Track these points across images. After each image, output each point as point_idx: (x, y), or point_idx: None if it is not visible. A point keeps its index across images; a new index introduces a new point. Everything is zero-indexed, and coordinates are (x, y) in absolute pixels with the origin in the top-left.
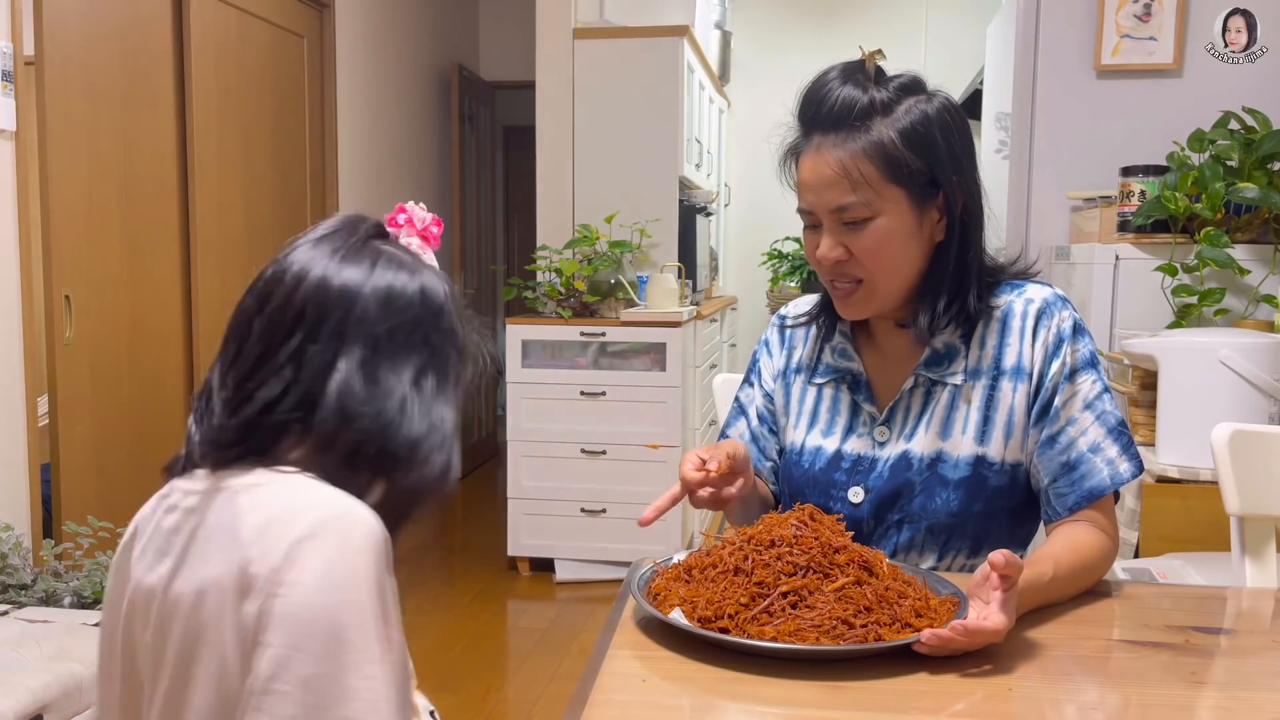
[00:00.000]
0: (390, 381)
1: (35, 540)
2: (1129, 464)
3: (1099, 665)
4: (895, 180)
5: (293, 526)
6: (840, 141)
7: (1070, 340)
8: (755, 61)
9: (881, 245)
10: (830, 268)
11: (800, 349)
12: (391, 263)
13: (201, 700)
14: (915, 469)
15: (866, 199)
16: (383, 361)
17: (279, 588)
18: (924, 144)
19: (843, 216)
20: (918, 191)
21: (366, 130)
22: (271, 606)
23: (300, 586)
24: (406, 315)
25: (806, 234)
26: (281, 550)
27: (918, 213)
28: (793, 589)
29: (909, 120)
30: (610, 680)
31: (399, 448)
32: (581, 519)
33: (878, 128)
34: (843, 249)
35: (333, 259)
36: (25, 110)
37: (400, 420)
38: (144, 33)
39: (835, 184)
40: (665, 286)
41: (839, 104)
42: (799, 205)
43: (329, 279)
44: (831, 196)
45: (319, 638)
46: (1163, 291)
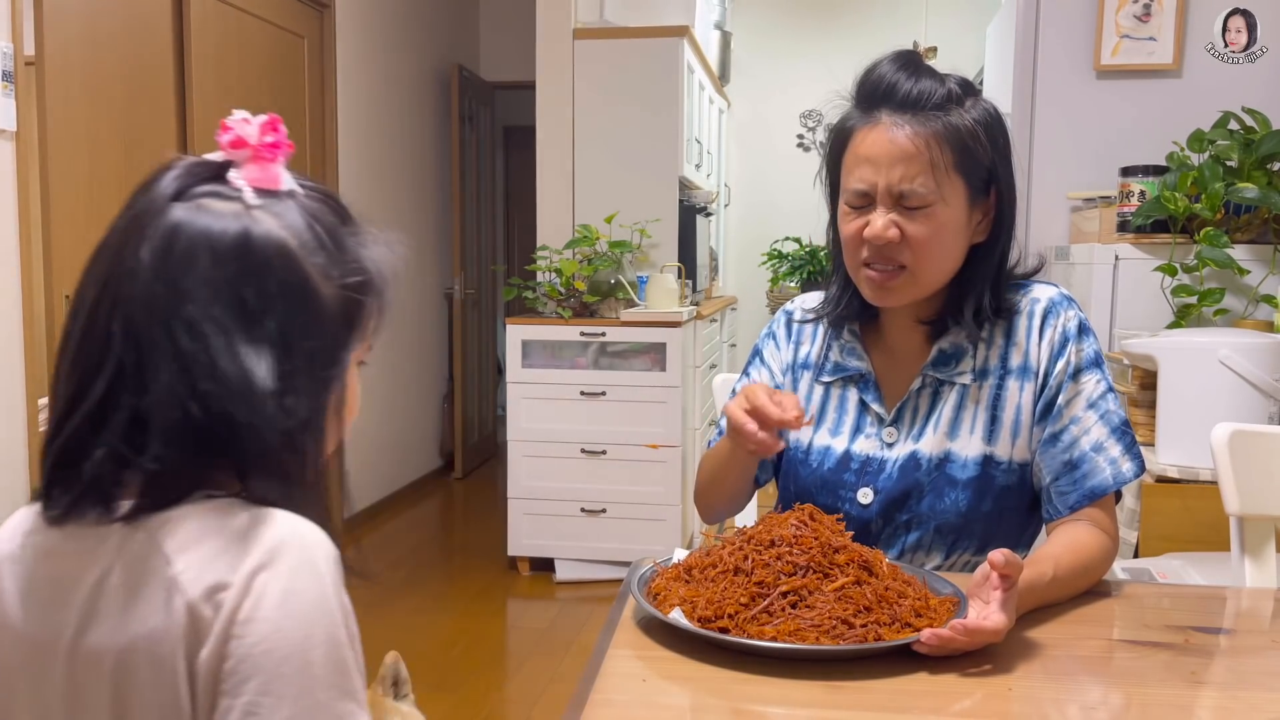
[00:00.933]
0: (233, 367)
1: None
2: (1131, 464)
3: (1099, 665)
4: (962, 171)
5: (242, 558)
6: (919, 121)
7: (1075, 340)
8: (755, 61)
9: (936, 233)
10: (877, 249)
11: (808, 345)
12: (182, 232)
13: None
14: (924, 469)
15: (937, 182)
16: (216, 345)
17: (237, 628)
18: (992, 141)
19: (905, 200)
20: (975, 187)
21: (366, 130)
22: (232, 650)
23: (262, 623)
24: (220, 278)
25: (851, 214)
26: (236, 586)
27: (969, 209)
28: (793, 589)
29: (980, 114)
30: (610, 680)
31: (255, 448)
32: (581, 519)
33: (956, 114)
34: (897, 229)
35: (122, 251)
36: (25, 110)
37: (258, 415)
38: (144, 33)
39: (911, 159)
40: (665, 286)
41: (917, 89)
42: (850, 184)
43: (121, 274)
44: (900, 173)
45: (291, 679)
46: (1162, 291)
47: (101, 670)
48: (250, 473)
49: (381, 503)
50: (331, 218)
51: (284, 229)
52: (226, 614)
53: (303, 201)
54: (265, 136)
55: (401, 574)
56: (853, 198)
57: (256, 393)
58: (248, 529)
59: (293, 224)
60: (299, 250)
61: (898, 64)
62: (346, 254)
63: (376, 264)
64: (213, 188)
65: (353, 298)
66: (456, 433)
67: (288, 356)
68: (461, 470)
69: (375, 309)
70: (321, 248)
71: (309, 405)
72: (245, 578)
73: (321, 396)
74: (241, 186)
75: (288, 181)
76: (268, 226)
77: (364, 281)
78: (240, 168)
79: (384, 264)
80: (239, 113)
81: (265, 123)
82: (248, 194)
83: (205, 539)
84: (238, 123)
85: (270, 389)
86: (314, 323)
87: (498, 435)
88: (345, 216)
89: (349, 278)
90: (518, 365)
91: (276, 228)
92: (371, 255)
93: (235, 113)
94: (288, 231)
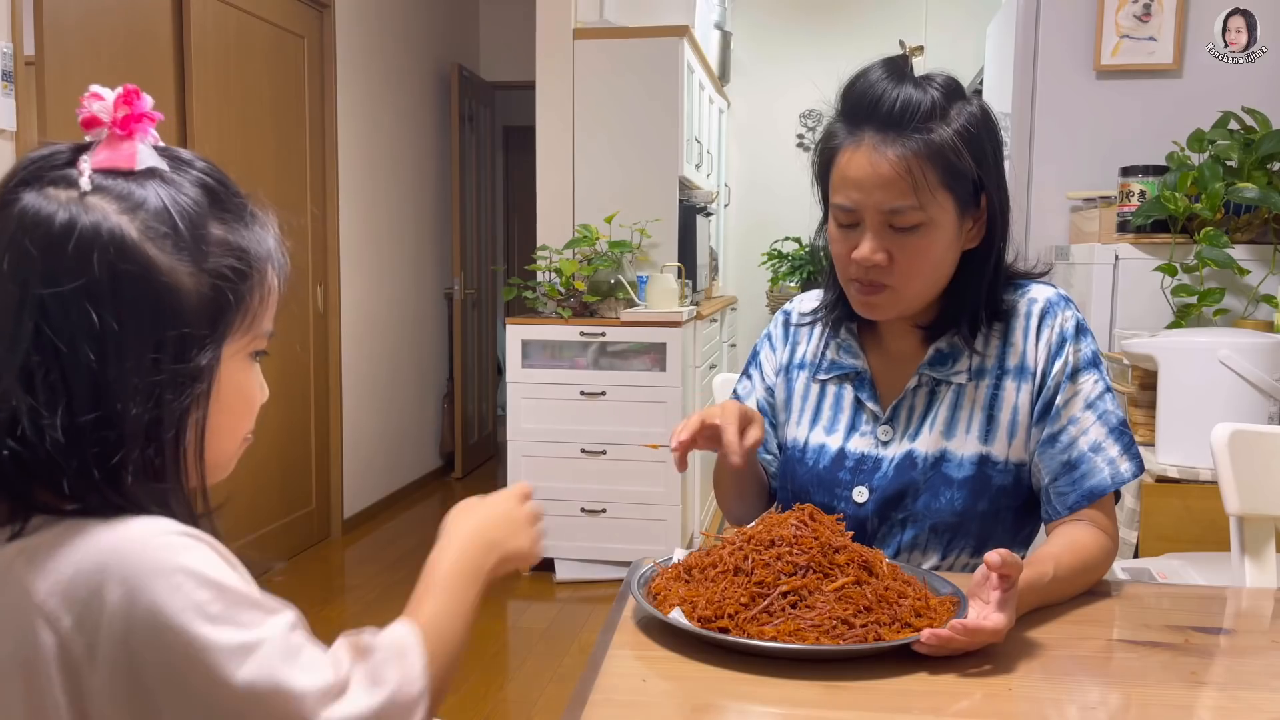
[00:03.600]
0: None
1: None
2: (1130, 464)
3: (1099, 665)
4: (949, 187)
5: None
6: (900, 141)
7: (1073, 340)
8: (755, 61)
9: (925, 252)
10: (863, 270)
11: (805, 344)
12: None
13: None
14: (920, 468)
15: (923, 202)
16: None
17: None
18: (977, 150)
19: (893, 220)
20: (964, 199)
21: (366, 130)
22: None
23: (109, 617)
24: (46, 272)
25: (839, 232)
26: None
27: (959, 221)
28: (793, 589)
29: (963, 124)
30: (610, 680)
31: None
32: (581, 519)
33: (938, 130)
34: (884, 254)
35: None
36: (25, 110)
37: (72, 430)
38: (144, 33)
39: (894, 184)
40: (665, 286)
41: (900, 103)
42: (838, 201)
43: None
44: (886, 197)
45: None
46: (1162, 291)
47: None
48: (78, 489)
49: (381, 503)
50: (199, 198)
51: (122, 215)
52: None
53: (164, 181)
54: (119, 111)
55: (401, 574)
56: (840, 215)
57: (75, 402)
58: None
59: (141, 208)
60: (139, 237)
61: (882, 74)
62: (212, 238)
63: (256, 247)
64: (60, 174)
65: (220, 285)
66: (456, 433)
67: (122, 355)
68: (461, 470)
69: (256, 296)
70: (175, 233)
71: (155, 405)
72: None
73: (176, 393)
74: (83, 170)
75: (147, 159)
76: (99, 215)
77: (236, 267)
78: (92, 150)
79: (264, 246)
80: (94, 87)
81: (120, 96)
82: (84, 179)
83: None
84: (90, 99)
85: (91, 397)
86: (161, 315)
87: (498, 435)
88: (219, 195)
89: (215, 263)
90: (518, 365)
91: (112, 214)
92: (251, 238)
93: (91, 87)
94: (128, 217)
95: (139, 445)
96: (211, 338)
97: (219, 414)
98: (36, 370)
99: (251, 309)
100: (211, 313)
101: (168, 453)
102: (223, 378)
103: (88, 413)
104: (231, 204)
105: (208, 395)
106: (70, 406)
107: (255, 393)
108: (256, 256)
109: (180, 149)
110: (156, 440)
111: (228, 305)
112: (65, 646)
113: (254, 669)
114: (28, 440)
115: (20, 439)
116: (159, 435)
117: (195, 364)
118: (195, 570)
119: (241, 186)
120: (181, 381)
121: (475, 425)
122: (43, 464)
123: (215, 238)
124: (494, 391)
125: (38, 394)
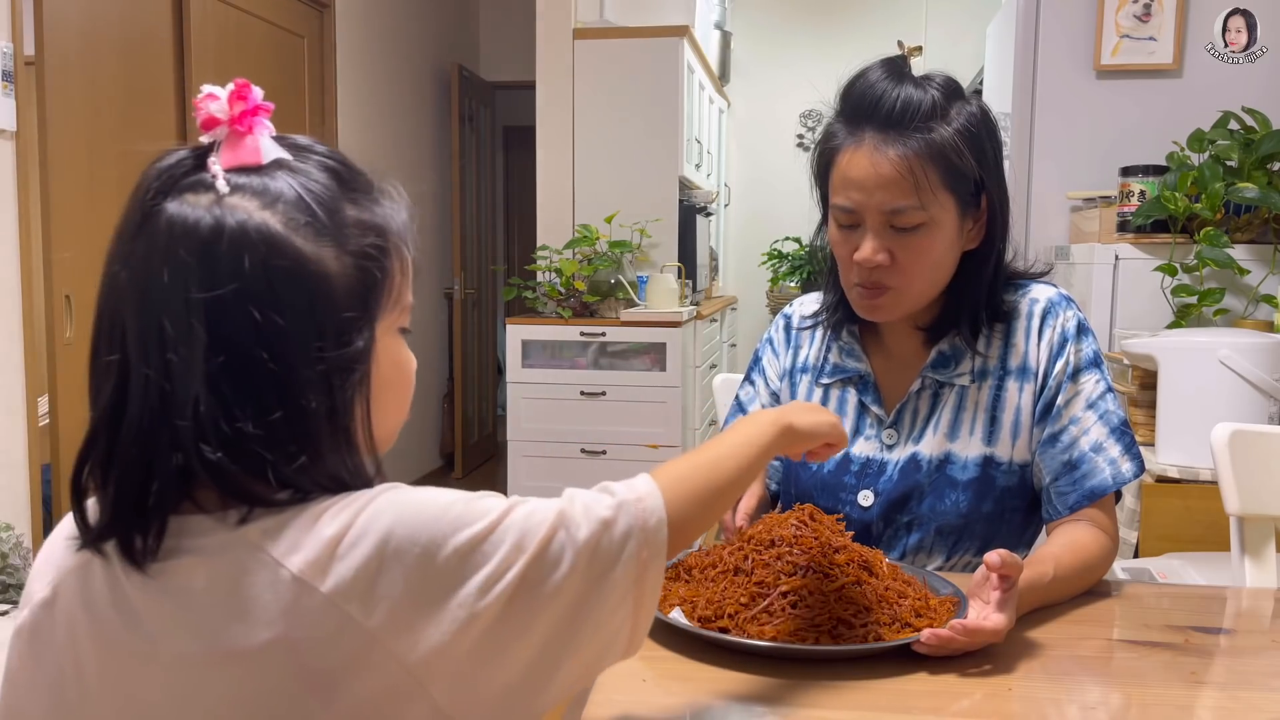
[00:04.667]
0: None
1: (35, 540)
2: (1131, 464)
3: (1099, 665)
4: (950, 187)
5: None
6: (901, 141)
7: (1074, 340)
8: (755, 61)
9: (927, 253)
10: (866, 272)
11: (807, 348)
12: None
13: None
14: (924, 471)
15: (925, 202)
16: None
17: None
18: (978, 150)
19: (894, 220)
20: (964, 199)
21: (366, 130)
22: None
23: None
24: (202, 279)
25: (839, 233)
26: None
27: (960, 221)
28: (792, 589)
29: (963, 124)
30: (610, 680)
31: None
32: None
33: (939, 130)
34: (886, 254)
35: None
36: (25, 110)
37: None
38: (144, 33)
39: (895, 184)
40: (665, 286)
41: (900, 103)
42: (838, 202)
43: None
44: (887, 197)
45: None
46: (1162, 291)
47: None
48: (285, 479)
49: None
50: (328, 182)
51: (263, 210)
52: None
53: (292, 171)
54: (234, 108)
55: None
56: (841, 216)
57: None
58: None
59: (279, 201)
60: (284, 230)
61: (882, 74)
62: (348, 219)
63: (390, 222)
64: (193, 179)
65: (364, 265)
66: (456, 433)
67: (290, 349)
68: (461, 470)
69: (397, 269)
70: (315, 220)
71: (329, 393)
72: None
73: (344, 377)
74: (215, 173)
75: (271, 151)
76: (243, 214)
77: (376, 244)
78: (217, 150)
79: (398, 220)
80: (206, 88)
81: (232, 92)
82: (220, 182)
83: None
84: (205, 100)
85: (274, 393)
86: (318, 303)
87: (498, 435)
88: (344, 176)
89: (356, 244)
90: (518, 365)
91: (254, 211)
92: (383, 213)
93: (202, 88)
94: (269, 212)
95: (325, 432)
96: (365, 318)
97: (382, 390)
98: (218, 374)
99: (395, 284)
100: (361, 293)
101: (348, 434)
102: (379, 354)
103: (274, 408)
104: (358, 183)
105: (369, 374)
106: (259, 404)
107: (412, 363)
108: (392, 231)
109: (297, 136)
110: (337, 424)
111: (375, 283)
112: (335, 605)
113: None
114: (227, 440)
115: (221, 440)
116: (338, 420)
117: (355, 346)
118: (422, 495)
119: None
120: (346, 365)
121: (475, 425)
122: (247, 460)
123: (351, 219)
124: (494, 391)
125: (225, 396)
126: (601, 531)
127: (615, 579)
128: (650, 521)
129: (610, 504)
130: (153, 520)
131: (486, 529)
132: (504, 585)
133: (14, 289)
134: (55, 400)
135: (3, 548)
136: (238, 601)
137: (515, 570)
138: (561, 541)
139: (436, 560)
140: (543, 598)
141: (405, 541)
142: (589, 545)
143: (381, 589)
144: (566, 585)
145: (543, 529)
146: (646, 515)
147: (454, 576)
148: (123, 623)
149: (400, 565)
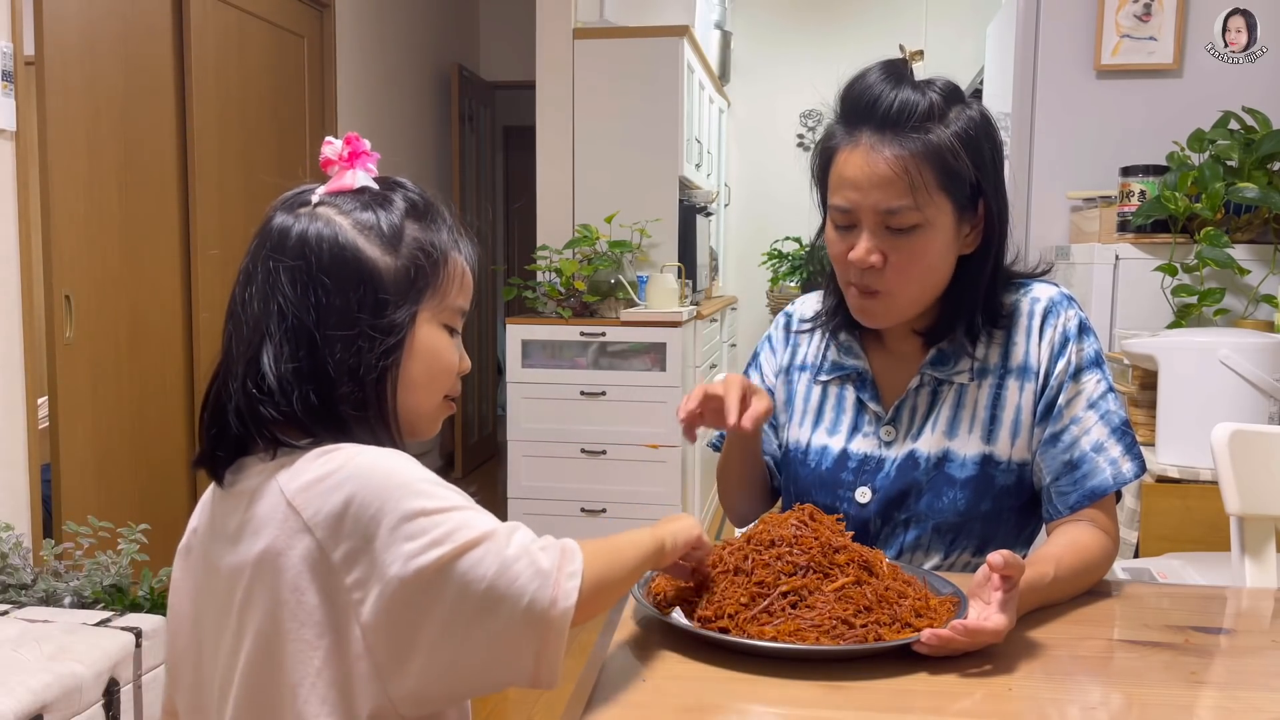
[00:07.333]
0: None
1: (35, 540)
2: (1132, 464)
3: (1099, 665)
4: (947, 189)
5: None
6: (898, 141)
7: (1076, 339)
8: (755, 61)
9: (921, 255)
10: (860, 272)
11: (805, 345)
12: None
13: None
14: (922, 469)
15: (920, 203)
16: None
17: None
18: (976, 153)
19: (889, 220)
20: (961, 203)
21: (367, 130)
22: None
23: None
24: (289, 265)
25: (836, 234)
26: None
27: (957, 225)
28: (793, 589)
29: (961, 127)
30: (610, 680)
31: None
32: (581, 519)
33: (936, 132)
34: (880, 255)
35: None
36: (25, 110)
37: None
38: (144, 33)
39: (891, 184)
40: (665, 286)
41: (897, 104)
42: (835, 202)
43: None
44: (883, 197)
45: (373, 485)
46: (1162, 291)
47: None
48: (307, 422)
49: None
50: (401, 206)
51: (340, 216)
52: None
53: (375, 195)
54: (344, 150)
55: None
56: (838, 216)
57: (316, 365)
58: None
59: (354, 211)
60: (351, 230)
61: (881, 76)
62: (407, 235)
63: (442, 242)
64: (301, 198)
65: (410, 266)
66: (456, 433)
67: (329, 313)
68: (461, 470)
69: (442, 274)
70: (379, 228)
71: (355, 352)
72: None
73: (372, 343)
74: (317, 193)
75: (362, 180)
76: (324, 218)
77: (426, 252)
78: (328, 181)
79: (448, 241)
80: (329, 138)
81: (344, 140)
82: (314, 197)
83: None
84: (325, 146)
85: (309, 348)
86: (361, 282)
87: (498, 435)
88: (418, 206)
89: (408, 251)
90: (518, 365)
91: (333, 215)
92: (439, 237)
93: (326, 139)
94: (343, 217)
95: (345, 384)
96: (404, 302)
97: (412, 365)
98: (275, 331)
99: (439, 284)
100: (404, 284)
101: (369, 391)
102: (417, 335)
103: (307, 358)
104: (428, 214)
105: (401, 347)
106: (295, 355)
107: (450, 356)
108: (441, 248)
109: (401, 178)
110: (358, 380)
111: (419, 277)
112: (310, 529)
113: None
114: (268, 388)
115: (265, 391)
116: (360, 376)
117: (389, 320)
118: (401, 467)
119: (242, 186)
120: (377, 334)
121: (475, 425)
122: (281, 406)
123: (410, 235)
124: (494, 391)
125: (276, 348)
126: (524, 556)
127: (521, 603)
128: (571, 567)
129: (545, 543)
130: (225, 453)
131: (433, 509)
132: (424, 558)
133: (14, 289)
134: (55, 401)
135: (3, 548)
136: (251, 517)
137: (439, 550)
138: (486, 549)
139: (382, 521)
140: (451, 582)
141: (370, 498)
142: (508, 560)
143: (345, 530)
144: (473, 582)
145: (476, 532)
146: (569, 562)
147: (391, 536)
148: (211, 530)
149: (360, 518)
